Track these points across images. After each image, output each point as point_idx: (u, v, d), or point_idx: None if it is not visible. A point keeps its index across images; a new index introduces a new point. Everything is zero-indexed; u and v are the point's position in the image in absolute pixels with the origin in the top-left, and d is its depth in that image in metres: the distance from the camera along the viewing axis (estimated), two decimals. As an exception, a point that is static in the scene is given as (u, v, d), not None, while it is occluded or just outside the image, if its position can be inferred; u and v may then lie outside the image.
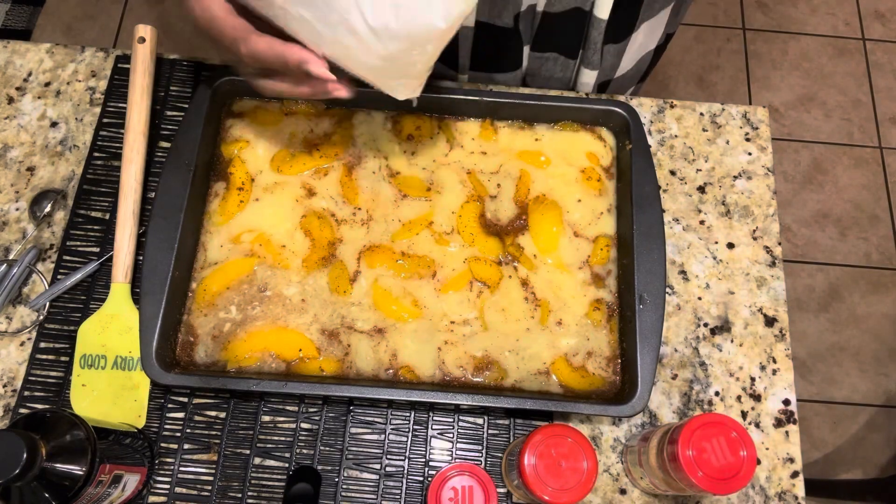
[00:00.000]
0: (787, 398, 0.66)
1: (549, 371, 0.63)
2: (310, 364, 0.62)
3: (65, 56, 0.77)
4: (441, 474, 0.55)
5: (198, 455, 0.62)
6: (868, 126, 1.90)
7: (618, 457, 0.64)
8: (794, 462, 0.64)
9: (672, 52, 1.98)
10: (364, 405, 0.64)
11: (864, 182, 1.84)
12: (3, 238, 0.69)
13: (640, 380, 0.59)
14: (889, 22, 2.03)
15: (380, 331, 0.64)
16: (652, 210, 0.65)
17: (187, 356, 0.62)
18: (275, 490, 0.61)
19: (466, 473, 0.55)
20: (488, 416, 0.64)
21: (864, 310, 1.71)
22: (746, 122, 0.77)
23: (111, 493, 0.54)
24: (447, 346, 0.63)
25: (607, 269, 0.67)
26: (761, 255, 0.71)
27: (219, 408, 0.64)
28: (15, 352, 0.65)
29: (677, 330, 0.68)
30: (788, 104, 1.92)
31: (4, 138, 0.73)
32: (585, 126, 0.72)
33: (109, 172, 0.71)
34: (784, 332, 0.68)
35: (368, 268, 0.66)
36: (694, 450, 0.52)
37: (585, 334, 0.64)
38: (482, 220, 0.68)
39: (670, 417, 0.65)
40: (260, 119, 0.71)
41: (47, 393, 0.63)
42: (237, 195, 0.68)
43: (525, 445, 0.54)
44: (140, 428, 0.62)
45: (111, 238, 0.67)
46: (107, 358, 0.64)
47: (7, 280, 0.65)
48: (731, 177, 0.74)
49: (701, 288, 0.70)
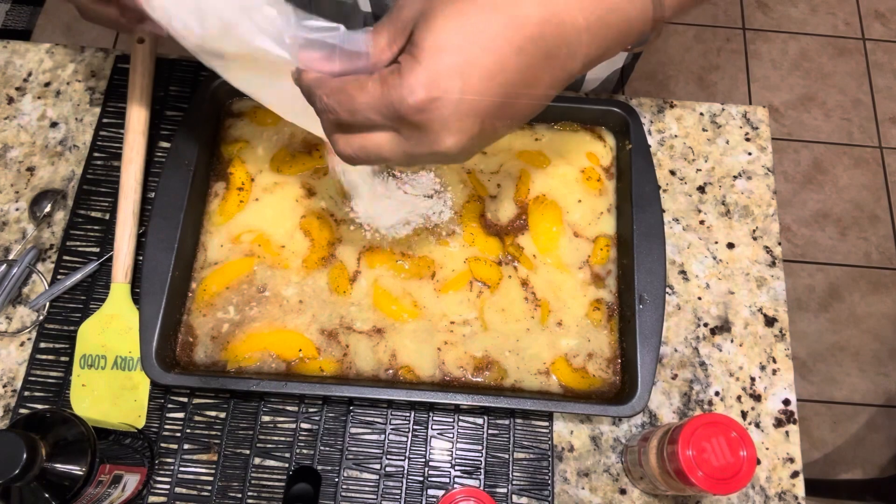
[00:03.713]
0: (787, 398, 0.66)
1: (549, 371, 0.63)
2: (310, 364, 0.62)
3: (65, 56, 0.77)
4: (450, 497, 0.54)
5: (198, 455, 0.62)
6: (868, 126, 1.90)
7: (618, 457, 0.64)
8: (794, 462, 0.64)
9: (672, 52, 1.98)
10: (364, 405, 0.64)
11: (864, 182, 1.84)
12: (3, 238, 0.69)
13: (640, 380, 0.59)
14: (889, 22, 2.03)
15: (379, 331, 0.64)
16: (652, 210, 0.65)
17: (187, 356, 0.62)
18: (275, 490, 0.61)
19: (473, 499, 0.54)
20: (488, 416, 0.64)
21: (864, 310, 1.71)
22: (746, 122, 0.77)
23: (111, 493, 0.54)
24: (447, 347, 0.63)
25: (607, 269, 0.67)
26: (761, 255, 0.71)
27: (219, 408, 0.64)
28: (15, 352, 0.65)
29: (677, 330, 0.68)
30: (788, 104, 1.92)
31: (4, 138, 0.73)
32: (585, 126, 0.72)
33: (109, 172, 0.71)
34: (784, 332, 0.68)
35: (368, 268, 0.66)
36: (694, 450, 0.52)
37: (586, 335, 0.64)
38: (482, 220, 0.68)
39: (670, 417, 0.65)
40: (260, 119, 0.71)
41: (47, 393, 0.63)
42: (237, 195, 0.68)
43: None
44: (140, 428, 0.62)
45: (111, 238, 0.67)
46: (107, 358, 0.64)
47: (7, 280, 0.65)
48: (731, 177, 0.74)
49: (701, 288, 0.70)
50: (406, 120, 0.38)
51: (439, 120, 0.37)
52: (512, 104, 0.39)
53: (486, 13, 0.37)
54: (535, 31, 0.38)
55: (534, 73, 0.39)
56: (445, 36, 0.37)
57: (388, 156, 0.40)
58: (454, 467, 0.62)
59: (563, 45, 0.39)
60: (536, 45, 0.38)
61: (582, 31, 0.39)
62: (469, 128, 0.38)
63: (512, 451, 0.63)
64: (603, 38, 0.41)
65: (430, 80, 0.36)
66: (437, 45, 0.37)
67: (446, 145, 0.38)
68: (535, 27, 0.38)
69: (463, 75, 0.37)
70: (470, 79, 0.37)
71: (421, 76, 0.36)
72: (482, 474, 0.62)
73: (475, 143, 0.40)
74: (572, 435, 0.64)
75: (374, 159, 0.41)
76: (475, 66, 0.37)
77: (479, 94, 0.37)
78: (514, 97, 0.39)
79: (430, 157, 0.40)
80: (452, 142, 0.38)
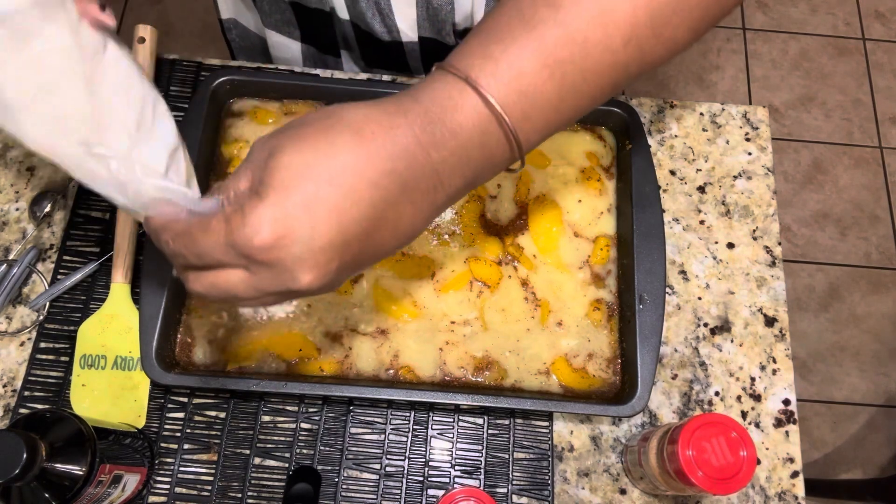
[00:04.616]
0: (787, 398, 0.66)
1: (549, 371, 0.63)
2: (310, 364, 0.62)
3: (65, 56, 0.76)
4: (450, 497, 0.54)
5: (198, 455, 0.62)
6: (868, 126, 1.90)
7: (618, 457, 0.64)
8: (794, 462, 0.64)
9: (672, 52, 1.97)
10: (364, 405, 0.64)
11: (864, 182, 1.84)
12: (3, 238, 0.69)
13: (640, 380, 0.59)
14: (889, 22, 2.03)
15: (383, 332, 0.64)
16: (652, 210, 0.65)
17: (187, 356, 0.62)
18: (275, 490, 0.61)
19: (473, 499, 0.54)
20: (488, 416, 0.64)
21: (864, 310, 1.71)
22: (746, 121, 0.77)
23: (111, 493, 0.54)
24: (449, 347, 0.63)
25: (607, 269, 0.67)
26: (761, 255, 0.71)
27: (219, 408, 0.64)
28: (15, 352, 0.65)
29: (677, 330, 0.68)
30: (788, 104, 1.92)
31: (4, 138, 0.73)
32: (585, 126, 0.72)
33: (109, 172, 0.71)
34: (784, 332, 0.68)
35: (369, 268, 0.66)
36: (694, 450, 0.52)
37: (586, 335, 0.64)
38: (482, 220, 0.68)
39: (670, 417, 0.65)
40: (261, 119, 0.71)
41: (47, 393, 0.63)
42: (237, 195, 0.68)
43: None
44: (140, 428, 0.62)
45: (111, 238, 0.67)
46: (107, 358, 0.64)
47: (7, 280, 0.65)
48: (731, 177, 0.74)
49: (701, 288, 0.70)
50: (254, 259, 0.36)
51: (290, 258, 0.36)
52: (373, 238, 0.38)
53: (337, 149, 0.36)
54: (386, 166, 0.37)
55: (393, 207, 0.37)
56: (292, 172, 0.35)
57: (241, 294, 0.38)
58: (454, 467, 0.62)
59: (420, 178, 0.38)
60: (391, 178, 0.37)
61: (437, 163, 0.38)
62: (326, 263, 0.37)
63: (512, 451, 0.63)
64: (463, 171, 0.40)
65: (274, 218, 0.35)
66: (283, 182, 0.35)
67: (304, 282, 0.37)
68: (385, 162, 0.37)
69: (310, 211, 0.35)
70: (317, 215, 0.35)
71: (265, 214, 0.35)
72: (482, 474, 0.62)
73: (336, 276, 0.38)
74: (572, 435, 0.64)
75: (227, 297, 0.39)
76: (323, 202, 0.35)
77: (329, 231, 0.36)
78: (373, 231, 0.37)
79: (288, 294, 0.38)
80: (309, 279, 0.37)
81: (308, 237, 0.35)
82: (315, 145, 0.36)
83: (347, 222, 0.36)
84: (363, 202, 0.36)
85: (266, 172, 0.36)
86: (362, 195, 0.36)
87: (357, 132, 0.37)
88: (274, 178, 0.36)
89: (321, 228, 0.35)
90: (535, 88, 0.40)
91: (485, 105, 0.39)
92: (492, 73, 0.39)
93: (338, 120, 0.37)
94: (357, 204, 0.36)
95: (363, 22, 0.72)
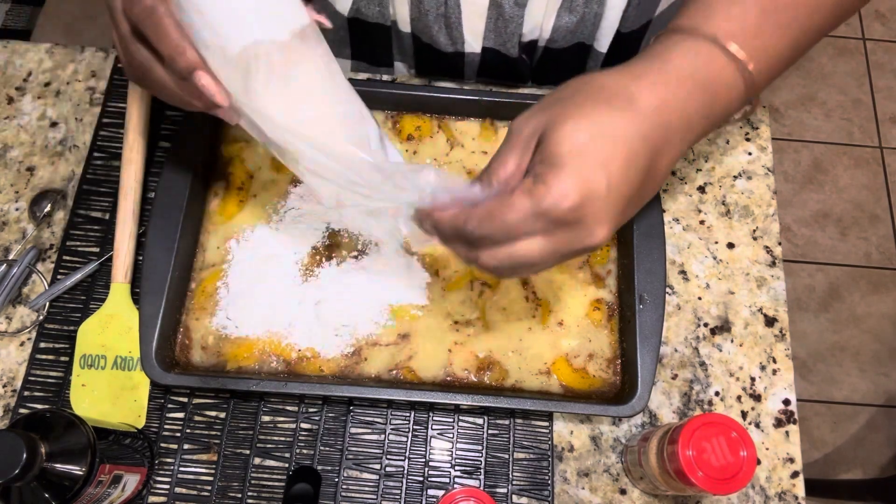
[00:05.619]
0: (787, 398, 0.66)
1: (549, 371, 0.63)
2: (310, 364, 0.62)
3: (64, 56, 0.77)
4: (450, 497, 0.54)
5: (198, 455, 0.62)
6: (868, 126, 1.90)
7: (618, 457, 0.64)
8: (795, 462, 0.64)
9: (672, 52, 1.97)
10: (364, 405, 0.64)
11: (864, 182, 1.84)
12: (3, 238, 0.69)
13: (640, 380, 0.59)
14: (889, 22, 2.03)
15: (404, 337, 0.64)
16: (652, 210, 0.65)
17: (186, 356, 0.62)
18: (275, 490, 0.61)
19: (473, 500, 0.54)
20: (488, 416, 0.64)
21: (864, 310, 1.71)
22: (746, 121, 0.77)
23: (111, 493, 0.54)
24: (457, 348, 0.63)
25: (607, 269, 0.67)
26: (761, 255, 0.71)
27: (219, 408, 0.64)
28: (15, 352, 0.65)
29: (677, 330, 0.68)
30: (788, 104, 1.92)
31: (4, 138, 0.73)
32: (585, 126, 0.72)
33: (109, 172, 0.71)
34: (784, 332, 0.68)
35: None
36: (694, 450, 0.52)
37: (586, 335, 0.64)
38: (482, 220, 0.68)
39: (670, 417, 0.65)
40: (260, 119, 0.71)
41: (47, 393, 0.63)
42: (237, 195, 0.68)
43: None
44: (140, 428, 0.62)
45: (111, 238, 0.67)
46: (107, 358, 0.64)
47: (7, 280, 0.65)
48: (731, 177, 0.74)
49: (701, 288, 0.70)
50: (561, 222, 0.40)
51: (592, 215, 0.40)
52: (644, 188, 0.43)
53: (609, 112, 0.41)
54: (654, 120, 0.41)
55: (660, 156, 0.42)
56: (579, 138, 0.40)
57: (537, 259, 0.42)
58: (454, 467, 0.62)
59: (677, 127, 0.43)
60: (657, 132, 0.42)
61: (691, 113, 0.43)
62: (616, 217, 0.41)
63: (512, 451, 0.63)
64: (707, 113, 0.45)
65: (578, 181, 0.39)
66: (575, 148, 0.40)
67: (600, 237, 0.41)
68: (653, 116, 0.41)
69: (606, 170, 0.39)
70: (612, 172, 0.40)
71: (568, 180, 0.39)
72: (482, 474, 0.62)
73: (616, 229, 0.42)
74: (572, 435, 0.64)
75: (522, 266, 0.43)
76: (614, 160, 0.40)
77: (621, 185, 0.40)
78: (647, 180, 0.42)
79: (580, 251, 0.42)
80: (604, 233, 0.41)
81: (605, 194, 0.40)
82: (591, 114, 0.41)
83: (633, 175, 0.41)
84: (640, 155, 0.41)
85: (551, 145, 0.40)
86: (639, 149, 0.41)
87: (626, 96, 0.41)
88: (562, 148, 0.40)
89: (615, 183, 0.40)
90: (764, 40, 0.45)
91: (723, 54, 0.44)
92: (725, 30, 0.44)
93: (600, 88, 0.42)
94: (637, 157, 0.41)
95: (426, 35, 0.72)
